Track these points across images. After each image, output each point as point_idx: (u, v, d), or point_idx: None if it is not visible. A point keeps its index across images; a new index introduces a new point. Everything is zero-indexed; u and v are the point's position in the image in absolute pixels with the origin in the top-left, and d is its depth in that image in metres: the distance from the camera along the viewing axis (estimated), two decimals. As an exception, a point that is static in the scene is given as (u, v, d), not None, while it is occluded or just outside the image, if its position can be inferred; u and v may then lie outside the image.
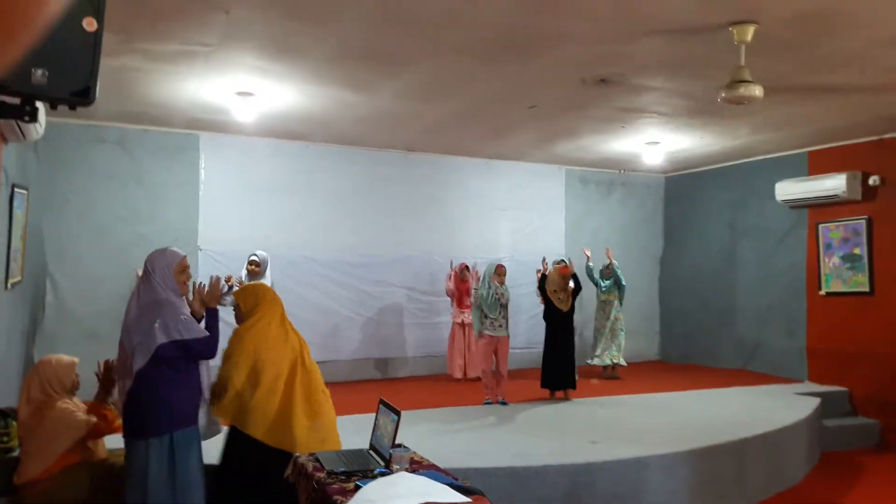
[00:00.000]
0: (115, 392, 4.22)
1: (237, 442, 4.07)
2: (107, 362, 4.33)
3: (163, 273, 3.88)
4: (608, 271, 9.49)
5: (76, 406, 4.31)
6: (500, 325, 7.23)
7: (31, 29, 0.54)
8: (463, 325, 9.07)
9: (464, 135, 8.58)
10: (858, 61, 5.54)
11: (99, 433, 4.23)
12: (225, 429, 4.21)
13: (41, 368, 4.32)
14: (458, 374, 9.07)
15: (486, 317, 7.21)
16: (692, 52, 5.29)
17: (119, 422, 4.25)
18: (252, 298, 4.22)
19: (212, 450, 4.32)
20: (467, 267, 9.15)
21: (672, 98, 6.71)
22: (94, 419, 4.20)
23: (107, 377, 4.31)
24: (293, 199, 9.00)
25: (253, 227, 8.69)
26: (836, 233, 8.71)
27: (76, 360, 4.46)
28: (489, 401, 7.19)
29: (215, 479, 4.14)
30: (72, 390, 4.35)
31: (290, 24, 4.87)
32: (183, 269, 3.95)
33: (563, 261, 7.95)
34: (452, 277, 9.22)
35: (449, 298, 9.32)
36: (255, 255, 7.73)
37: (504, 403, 7.15)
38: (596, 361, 9.42)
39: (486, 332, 7.20)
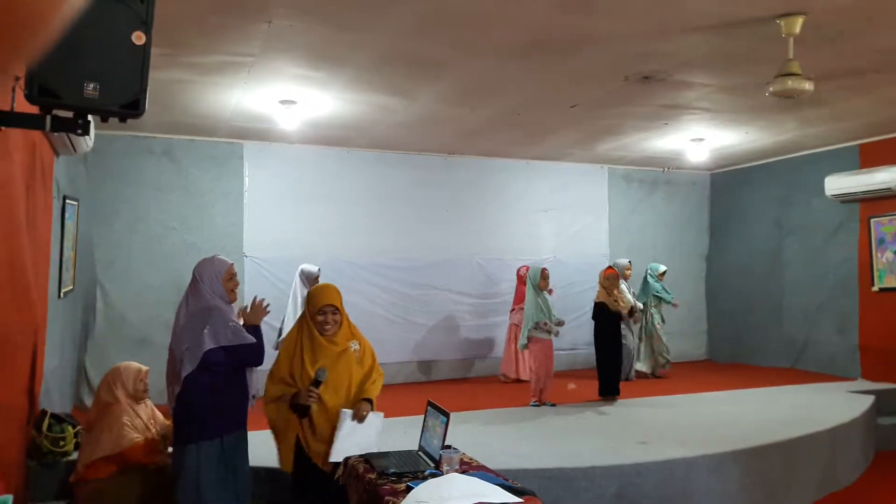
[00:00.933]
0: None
1: None
2: None
3: (211, 281, 3.95)
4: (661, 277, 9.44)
5: (134, 416, 4.39)
6: (549, 330, 7.21)
7: (48, 29, 0.55)
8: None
9: (504, 137, 8.56)
10: (910, 50, 5.39)
11: (133, 455, 4.29)
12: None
13: (111, 372, 4.49)
14: (522, 375, 8.96)
15: (538, 324, 7.17)
16: (738, 46, 5.21)
17: (163, 450, 4.35)
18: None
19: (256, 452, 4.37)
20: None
21: (717, 94, 6.61)
22: (137, 439, 4.28)
23: None
24: (335, 204, 9.08)
25: (296, 233, 8.79)
26: (889, 227, 8.48)
27: (144, 368, 4.59)
28: (535, 402, 7.17)
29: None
30: (135, 396, 4.47)
31: (330, 31, 4.92)
32: (231, 276, 4.03)
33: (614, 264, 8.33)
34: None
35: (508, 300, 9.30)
36: (319, 269, 7.57)
37: (551, 405, 7.12)
38: (644, 367, 9.37)
39: (541, 335, 7.17)
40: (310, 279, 7.67)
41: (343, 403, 3.81)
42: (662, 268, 9.53)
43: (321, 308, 3.85)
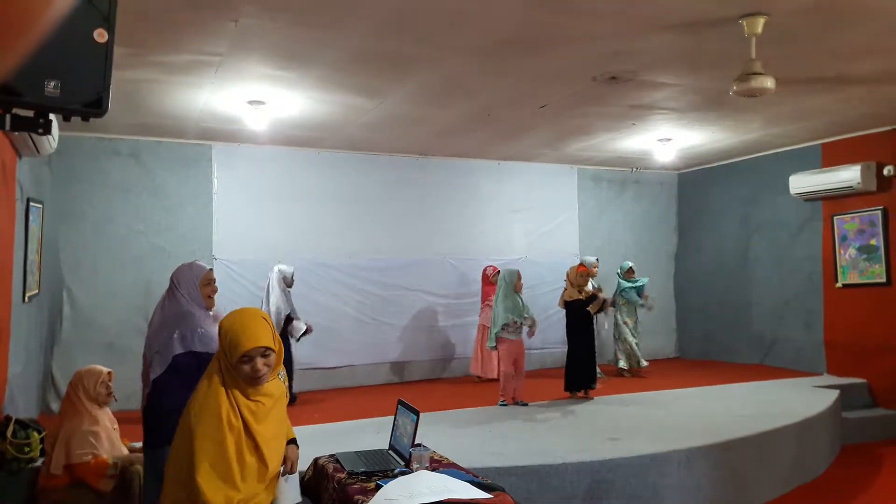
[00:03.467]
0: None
1: None
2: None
3: (188, 286, 3.91)
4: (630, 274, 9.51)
5: (94, 423, 4.31)
6: (518, 329, 7.19)
7: (29, 37, 0.55)
8: None
9: (475, 137, 8.58)
10: (871, 51, 5.49)
11: (81, 473, 4.24)
12: None
13: (74, 377, 4.41)
14: (493, 375, 8.95)
15: (507, 324, 7.15)
16: (702, 46, 5.28)
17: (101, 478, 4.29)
18: None
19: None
20: (499, 271, 9.15)
21: (683, 93, 6.69)
22: (87, 458, 4.22)
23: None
24: (306, 205, 9.04)
25: (267, 235, 8.74)
26: (851, 224, 8.64)
27: (104, 370, 4.51)
28: (504, 402, 7.16)
29: None
30: (98, 400, 4.39)
31: (298, 30, 4.90)
32: (208, 281, 3.99)
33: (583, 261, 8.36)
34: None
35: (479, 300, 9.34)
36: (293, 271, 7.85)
37: (523, 404, 7.12)
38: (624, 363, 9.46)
39: (508, 336, 7.15)
40: (286, 280, 7.71)
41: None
42: (629, 264, 9.59)
43: (248, 352, 2.67)
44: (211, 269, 4.08)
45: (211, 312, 4.03)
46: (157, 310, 4.01)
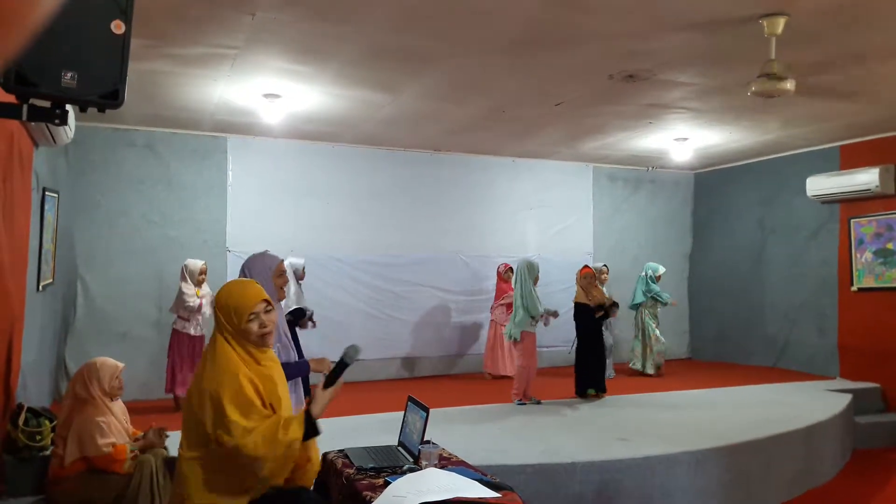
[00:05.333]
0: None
1: None
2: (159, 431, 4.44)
3: (262, 277, 3.81)
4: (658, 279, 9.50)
5: (108, 414, 4.34)
6: (546, 322, 7.21)
7: (26, 28, 0.54)
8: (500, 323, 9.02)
9: (490, 134, 8.56)
10: (892, 52, 5.44)
11: (102, 464, 4.24)
12: None
13: (86, 369, 4.40)
14: (504, 372, 9.01)
15: (532, 317, 7.12)
16: (721, 45, 5.23)
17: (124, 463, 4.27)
18: None
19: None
20: (511, 268, 9.14)
21: (701, 93, 6.64)
22: (108, 450, 4.22)
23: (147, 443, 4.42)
24: (320, 199, 9.05)
25: (280, 228, 8.75)
26: (868, 228, 8.56)
27: (121, 365, 4.52)
28: (522, 401, 7.10)
29: None
30: (112, 394, 4.41)
31: (315, 25, 4.89)
32: (280, 272, 3.91)
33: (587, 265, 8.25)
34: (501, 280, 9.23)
35: (492, 298, 9.32)
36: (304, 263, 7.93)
37: (537, 402, 7.09)
38: (641, 367, 9.46)
39: (530, 330, 7.14)
40: (297, 274, 7.71)
41: None
42: (662, 269, 9.54)
43: (254, 310, 2.76)
44: (283, 261, 4.02)
45: (281, 304, 3.99)
46: None
